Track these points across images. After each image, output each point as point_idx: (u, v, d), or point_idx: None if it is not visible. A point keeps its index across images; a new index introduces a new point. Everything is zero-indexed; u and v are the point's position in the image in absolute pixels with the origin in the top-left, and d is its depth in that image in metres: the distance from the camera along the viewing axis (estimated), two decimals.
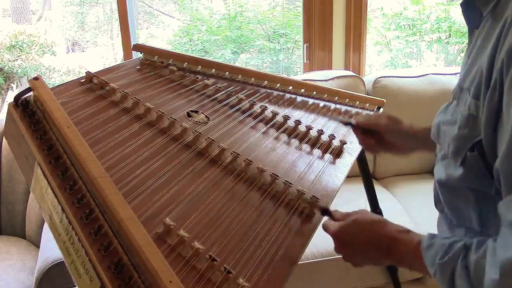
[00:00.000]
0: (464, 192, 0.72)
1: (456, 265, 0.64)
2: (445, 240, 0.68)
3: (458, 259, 0.64)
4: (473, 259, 0.62)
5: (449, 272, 0.64)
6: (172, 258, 0.72)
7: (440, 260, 0.66)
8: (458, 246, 0.65)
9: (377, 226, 0.79)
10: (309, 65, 2.58)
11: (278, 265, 0.79)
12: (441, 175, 0.77)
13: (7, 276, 1.69)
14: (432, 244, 0.69)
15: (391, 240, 0.76)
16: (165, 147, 0.93)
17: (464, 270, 0.62)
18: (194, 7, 4.82)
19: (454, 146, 0.70)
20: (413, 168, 2.29)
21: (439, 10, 3.93)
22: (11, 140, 0.98)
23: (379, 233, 0.78)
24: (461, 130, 0.69)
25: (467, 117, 0.68)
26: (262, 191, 0.94)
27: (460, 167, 0.69)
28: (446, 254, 0.66)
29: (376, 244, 0.78)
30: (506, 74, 0.58)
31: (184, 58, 1.24)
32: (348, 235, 0.82)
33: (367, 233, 0.80)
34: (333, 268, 1.69)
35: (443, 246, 0.67)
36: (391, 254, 0.76)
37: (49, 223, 0.82)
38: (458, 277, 0.63)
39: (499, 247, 0.59)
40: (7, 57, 3.95)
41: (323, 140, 1.18)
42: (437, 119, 0.79)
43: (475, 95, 0.66)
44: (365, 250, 0.80)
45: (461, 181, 0.70)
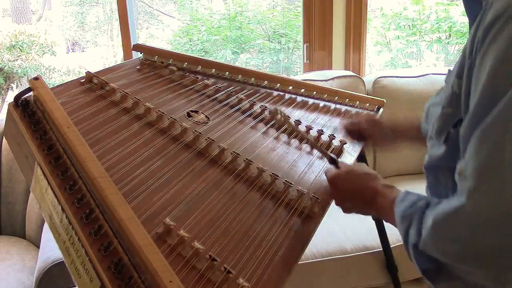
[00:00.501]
0: (444, 174, 0.75)
1: (414, 217, 0.69)
2: (415, 196, 0.73)
3: (418, 212, 0.68)
4: (427, 213, 0.66)
5: (407, 224, 0.69)
6: (172, 258, 0.72)
7: (403, 212, 0.71)
8: (422, 202, 0.70)
9: (367, 178, 0.87)
10: (309, 65, 2.58)
11: (278, 265, 0.79)
12: (426, 157, 0.81)
13: (7, 276, 1.69)
14: (404, 199, 0.74)
15: (374, 192, 0.83)
16: (165, 147, 0.93)
17: (418, 223, 0.67)
18: (194, 7, 4.82)
19: (438, 125, 0.75)
20: (413, 168, 2.29)
21: (439, 10, 3.93)
22: (11, 140, 0.98)
23: (367, 184, 0.85)
24: (445, 109, 0.73)
25: (450, 96, 0.72)
26: (262, 191, 0.94)
27: (443, 145, 0.73)
28: (410, 207, 0.71)
29: (362, 193, 0.85)
30: (479, 49, 0.61)
31: (184, 58, 1.24)
32: (341, 181, 0.90)
33: (357, 182, 0.87)
34: (333, 268, 1.69)
35: (410, 200, 0.72)
36: (372, 205, 0.83)
37: (49, 223, 0.82)
38: (411, 228, 0.68)
39: (444, 201, 0.64)
40: (7, 57, 3.95)
41: (323, 140, 1.18)
42: (427, 103, 0.84)
43: (458, 75, 0.69)
44: (353, 197, 0.87)
45: (443, 159, 0.74)
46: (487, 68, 0.59)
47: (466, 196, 0.58)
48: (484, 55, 0.60)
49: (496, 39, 0.58)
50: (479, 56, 0.61)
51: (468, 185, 0.58)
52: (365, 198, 0.84)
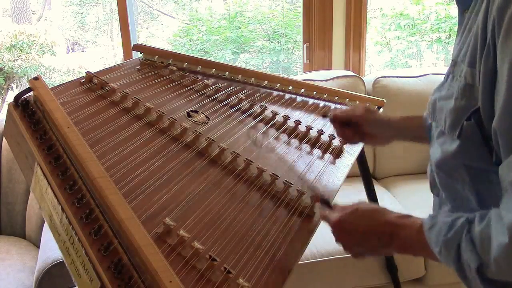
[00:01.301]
0: (460, 171, 0.71)
1: (461, 239, 0.62)
2: (447, 218, 0.67)
3: (463, 233, 0.62)
4: (478, 231, 0.60)
5: (455, 248, 0.63)
6: (172, 258, 0.72)
7: (444, 237, 0.64)
8: (461, 221, 0.64)
9: (378, 214, 0.77)
10: (309, 65, 2.58)
11: (278, 265, 0.79)
12: (437, 154, 0.75)
13: (7, 276, 1.69)
14: (435, 224, 0.68)
15: (393, 226, 0.74)
16: (165, 147, 0.93)
17: (470, 243, 0.61)
18: (194, 7, 4.82)
19: (451, 119, 0.70)
20: (413, 168, 2.29)
21: (439, 10, 3.93)
22: (11, 140, 0.98)
23: (381, 221, 0.76)
24: (458, 101, 0.68)
25: (463, 87, 0.68)
26: (262, 191, 0.94)
27: (457, 140, 0.69)
28: (449, 230, 0.64)
29: (378, 232, 0.76)
30: (499, 31, 0.58)
31: (184, 58, 1.24)
32: (348, 224, 0.79)
33: (368, 221, 0.77)
34: (333, 268, 1.69)
35: (445, 223, 0.66)
36: (393, 241, 0.74)
37: (49, 223, 0.82)
38: (464, 250, 0.61)
39: (503, 211, 0.58)
40: (7, 57, 3.95)
41: (323, 140, 1.18)
42: (432, 97, 0.79)
43: (471, 63, 0.66)
44: (366, 239, 0.77)
45: (456, 156, 0.70)
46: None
47: None
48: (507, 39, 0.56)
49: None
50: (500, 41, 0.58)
51: None
52: (383, 235, 0.75)
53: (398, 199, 2.06)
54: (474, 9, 0.70)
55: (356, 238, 0.79)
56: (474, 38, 0.65)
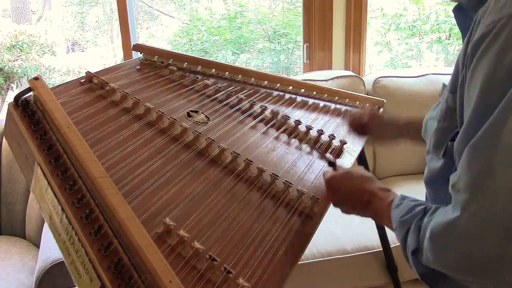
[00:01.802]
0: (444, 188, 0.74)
1: (411, 224, 0.69)
2: (412, 202, 0.74)
3: (415, 219, 0.69)
4: (425, 221, 0.67)
5: (405, 230, 0.70)
6: (172, 258, 0.72)
7: (400, 218, 0.72)
8: (419, 208, 0.71)
9: (364, 180, 0.87)
10: (309, 65, 2.58)
11: (278, 265, 0.79)
12: (426, 171, 0.82)
13: (7, 276, 1.69)
14: (400, 204, 0.75)
15: (371, 195, 0.83)
16: (165, 147, 0.93)
17: (416, 230, 0.68)
18: (194, 7, 4.82)
19: (435, 139, 0.76)
20: (413, 168, 2.29)
21: (439, 10, 3.93)
22: (11, 140, 0.98)
23: (364, 187, 0.85)
24: (440, 123, 0.75)
25: (445, 110, 0.73)
26: (262, 191, 0.94)
27: (442, 158, 0.75)
28: (407, 214, 0.71)
29: (358, 195, 0.85)
30: (468, 66, 0.63)
31: (184, 58, 1.25)
32: (338, 183, 0.90)
33: (354, 184, 0.87)
34: (333, 268, 1.69)
35: (407, 206, 0.73)
36: (368, 207, 0.83)
37: (49, 223, 0.82)
38: (410, 234, 0.69)
39: (439, 212, 0.65)
40: (7, 57, 3.95)
41: (323, 140, 1.18)
42: (426, 117, 0.85)
43: (452, 89, 0.71)
44: (349, 199, 0.88)
45: (441, 172, 0.75)
46: (478, 85, 0.60)
47: (460, 209, 0.59)
48: (473, 72, 0.62)
49: (484, 56, 0.60)
50: (469, 72, 0.63)
51: (461, 198, 0.59)
52: (361, 200, 0.84)
53: None
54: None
55: (341, 196, 0.89)
56: (455, 66, 0.70)
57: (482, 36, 0.60)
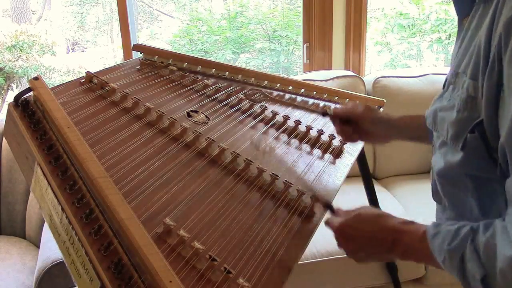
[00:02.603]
0: (463, 180, 0.71)
1: (465, 249, 0.62)
2: (451, 226, 0.67)
3: (467, 242, 0.62)
4: (482, 241, 0.61)
5: (459, 257, 0.63)
6: (172, 258, 0.72)
7: (448, 246, 0.64)
8: (465, 230, 0.64)
9: (381, 220, 0.77)
10: (309, 65, 2.58)
11: (278, 265, 0.79)
12: (439, 164, 0.75)
13: (7, 276, 1.69)
14: (439, 232, 0.68)
15: (396, 232, 0.74)
16: (165, 147, 0.93)
17: (474, 253, 0.61)
18: (194, 7, 4.82)
19: (453, 130, 0.70)
20: (413, 168, 2.29)
21: (439, 10, 3.93)
22: (11, 140, 0.98)
23: (384, 226, 0.76)
24: (460, 113, 0.68)
25: (465, 99, 0.67)
26: (262, 191, 0.94)
27: (460, 151, 0.68)
28: (454, 240, 0.64)
29: (380, 238, 0.76)
30: (505, 47, 0.58)
31: (184, 58, 1.24)
32: (351, 229, 0.80)
33: (371, 226, 0.77)
34: (333, 268, 1.69)
35: (449, 232, 0.66)
36: (396, 247, 0.74)
37: (49, 223, 0.82)
38: (468, 260, 0.62)
39: (509, 224, 0.58)
40: (7, 57, 3.95)
41: (323, 140, 1.18)
42: (432, 107, 0.79)
43: (473, 76, 0.66)
44: (369, 244, 0.78)
45: (460, 167, 0.70)
46: None
47: None
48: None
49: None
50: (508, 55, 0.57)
51: None
52: (385, 241, 0.75)
53: (398, 199, 2.06)
54: (474, 18, 0.70)
55: (358, 243, 0.79)
56: (477, 51, 0.65)
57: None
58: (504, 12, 0.59)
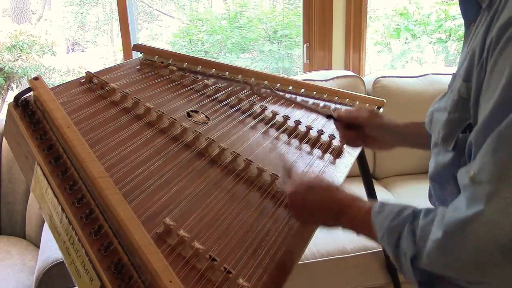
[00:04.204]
0: (451, 182, 0.72)
1: (403, 228, 0.66)
2: (396, 207, 0.70)
3: (406, 223, 0.66)
4: (421, 224, 0.64)
5: (396, 235, 0.67)
6: (172, 258, 0.72)
7: (389, 224, 0.68)
8: (407, 213, 0.68)
9: (330, 191, 0.82)
10: (309, 65, 2.58)
11: (278, 265, 0.79)
12: (431, 166, 0.77)
13: (7, 276, 1.69)
14: (382, 211, 0.71)
15: (342, 204, 0.78)
16: (165, 147, 0.93)
17: (410, 234, 0.64)
18: (194, 7, 4.82)
19: (444, 131, 0.72)
20: (413, 168, 2.29)
21: (439, 11, 3.93)
22: (11, 140, 0.98)
23: (332, 197, 0.80)
24: (451, 114, 0.70)
25: (457, 100, 0.69)
26: (262, 191, 0.94)
27: (452, 151, 0.70)
28: (394, 219, 0.68)
29: (326, 207, 0.80)
30: (492, 51, 0.59)
31: (184, 58, 1.24)
32: (301, 197, 0.83)
33: (320, 196, 0.82)
34: (333, 268, 1.69)
35: (392, 212, 0.69)
36: (341, 217, 0.78)
37: (49, 223, 0.82)
38: (403, 239, 0.65)
39: (449, 210, 0.61)
40: (7, 57, 3.95)
41: (323, 140, 1.18)
42: (431, 108, 0.80)
43: (466, 78, 0.67)
44: (315, 212, 0.82)
45: (450, 167, 0.71)
46: (505, 70, 0.56)
47: (484, 202, 0.55)
48: (498, 56, 0.58)
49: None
50: (493, 57, 0.59)
51: (485, 190, 0.56)
52: (331, 210, 0.79)
53: (398, 199, 2.06)
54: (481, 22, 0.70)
55: (306, 210, 0.84)
56: (471, 54, 0.66)
57: (509, 19, 0.57)
58: (501, 17, 0.60)
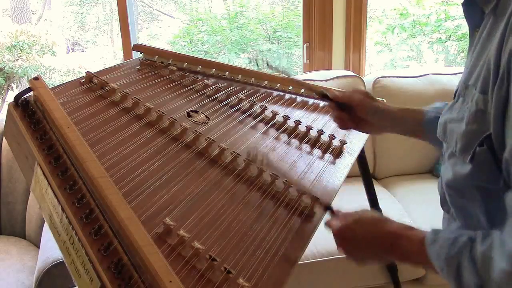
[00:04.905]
0: (471, 191, 0.71)
1: (462, 258, 0.64)
2: (450, 234, 0.68)
3: (464, 252, 0.64)
4: (480, 251, 0.62)
5: (456, 266, 0.64)
6: (172, 258, 0.72)
7: (446, 254, 0.66)
8: (463, 240, 0.65)
9: (380, 223, 0.80)
10: (309, 65, 2.58)
11: (278, 265, 0.79)
12: (448, 174, 0.76)
13: (7, 276, 1.69)
14: (437, 239, 0.69)
15: (394, 237, 0.76)
16: (165, 147, 0.93)
17: (471, 263, 0.62)
18: (194, 7, 4.82)
19: (462, 142, 0.70)
20: (413, 168, 2.29)
21: (439, 11, 3.93)
22: (11, 140, 0.98)
23: (382, 230, 0.78)
24: (469, 126, 0.69)
25: (475, 112, 0.68)
26: (262, 191, 0.93)
27: (469, 163, 0.69)
28: (452, 248, 0.66)
29: (379, 241, 0.78)
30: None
31: (184, 58, 1.25)
32: (351, 232, 0.81)
33: (370, 230, 0.80)
34: (333, 268, 1.69)
35: (448, 240, 0.67)
36: (394, 251, 0.76)
37: (49, 223, 0.82)
38: (464, 270, 0.63)
39: (506, 237, 0.59)
40: (7, 57, 3.95)
41: (323, 140, 1.18)
42: (442, 118, 0.79)
43: (482, 90, 0.66)
44: (367, 246, 0.80)
45: (468, 178, 0.70)
46: None
47: None
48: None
49: None
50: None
51: None
52: (383, 244, 0.77)
53: (398, 199, 2.06)
54: (484, 29, 0.70)
55: (357, 246, 0.81)
56: (487, 65, 0.65)
57: None
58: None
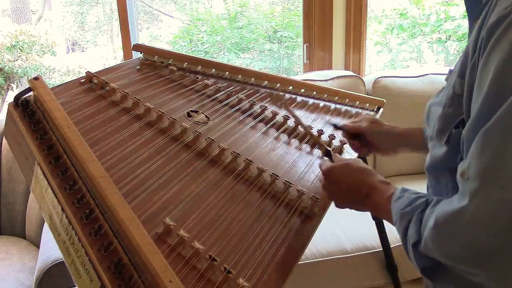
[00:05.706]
0: (445, 175, 0.74)
1: (413, 216, 0.68)
2: (413, 194, 0.73)
3: (416, 211, 0.68)
4: (427, 213, 0.66)
5: (406, 222, 0.69)
6: (172, 258, 0.72)
7: (401, 210, 0.71)
8: (421, 201, 0.70)
9: (364, 174, 0.85)
10: (309, 65, 2.58)
11: (278, 265, 0.79)
12: (427, 159, 0.80)
13: (7, 276, 1.69)
14: (401, 197, 0.74)
15: (370, 188, 0.81)
16: (165, 147, 0.93)
17: (418, 222, 0.67)
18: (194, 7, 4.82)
19: (438, 125, 0.74)
20: (413, 168, 2.29)
21: (439, 11, 3.93)
22: (11, 140, 0.98)
23: (363, 180, 0.83)
24: (445, 109, 0.72)
25: (451, 96, 0.71)
26: (262, 191, 0.94)
27: (445, 145, 0.72)
28: (408, 206, 0.70)
29: (357, 189, 0.83)
30: (483, 50, 0.61)
31: (184, 58, 1.24)
32: (336, 175, 0.87)
33: (353, 177, 0.85)
34: (333, 268, 1.69)
35: (408, 198, 0.72)
36: (367, 201, 0.82)
37: (49, 223, 0.82)
38: (411, 227, 0.68)
39: (444, 202, 0.64)
40: (7, 57, 3.95)
41: (323, 140, 1.18)
42: (429, 102, 0.83)
43: (460, 74, 0.69)
44: (348, 192, 0.85)
45: (443, 160, 0.73)
46: (492, 70, 0.58)
47: (468, 198, 0.57)
48: (488, 56, 0.60)
49: (501, 41, 0.58)
50: (483, 57, 0.61)
51: (471, 187, 0.58)
52: (360, 193, 0.83)
53: None
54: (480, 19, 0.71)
55: (339, 189, 0.87)
56: (465, 51, 0.68)
57: (498, 19, 0.59)
58: (492, 15, 0.61)
